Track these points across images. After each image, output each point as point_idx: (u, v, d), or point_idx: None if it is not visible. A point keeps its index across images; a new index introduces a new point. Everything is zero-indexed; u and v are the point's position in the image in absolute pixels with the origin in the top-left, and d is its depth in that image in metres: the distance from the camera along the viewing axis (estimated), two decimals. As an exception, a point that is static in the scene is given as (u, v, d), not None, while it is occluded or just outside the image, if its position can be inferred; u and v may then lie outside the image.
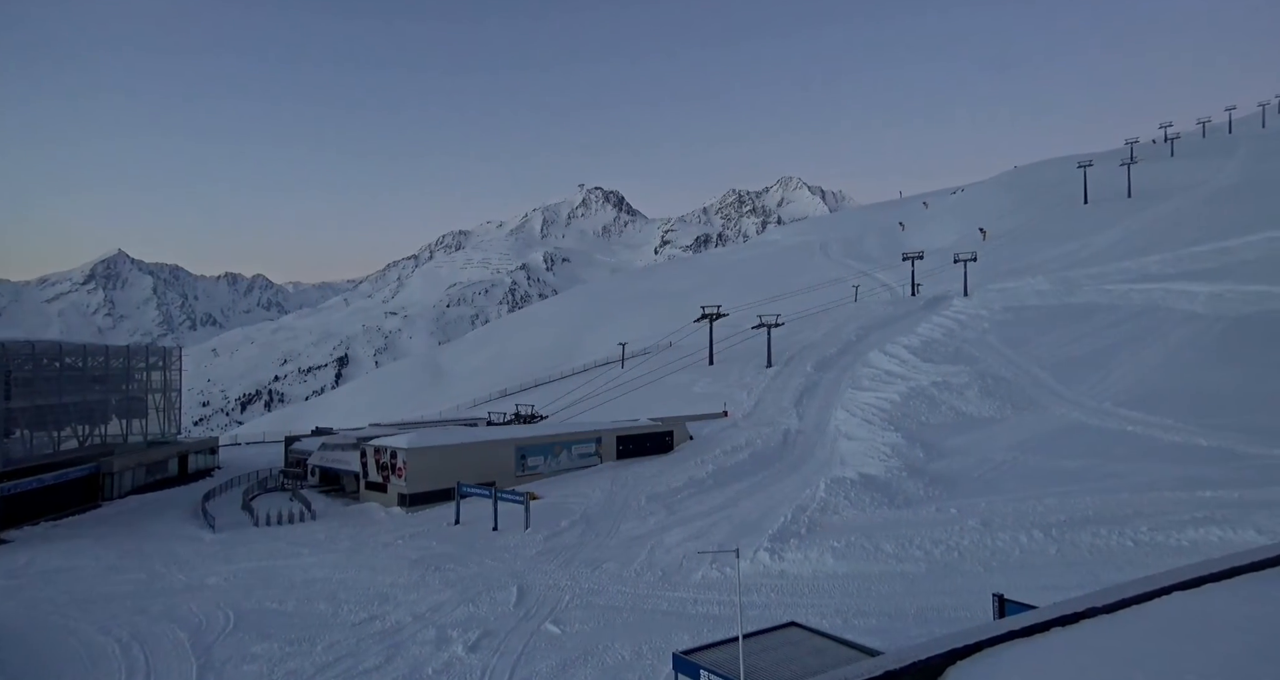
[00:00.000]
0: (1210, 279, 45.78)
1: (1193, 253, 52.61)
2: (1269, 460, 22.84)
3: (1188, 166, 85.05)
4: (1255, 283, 42.75)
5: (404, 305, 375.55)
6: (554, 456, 36.18)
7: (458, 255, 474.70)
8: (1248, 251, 49.68)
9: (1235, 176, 75.82)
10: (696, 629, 15.25)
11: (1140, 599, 5.84)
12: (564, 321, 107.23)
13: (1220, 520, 17.92)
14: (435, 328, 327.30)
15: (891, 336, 49.54)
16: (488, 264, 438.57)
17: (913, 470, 27.11)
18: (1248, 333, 37.18)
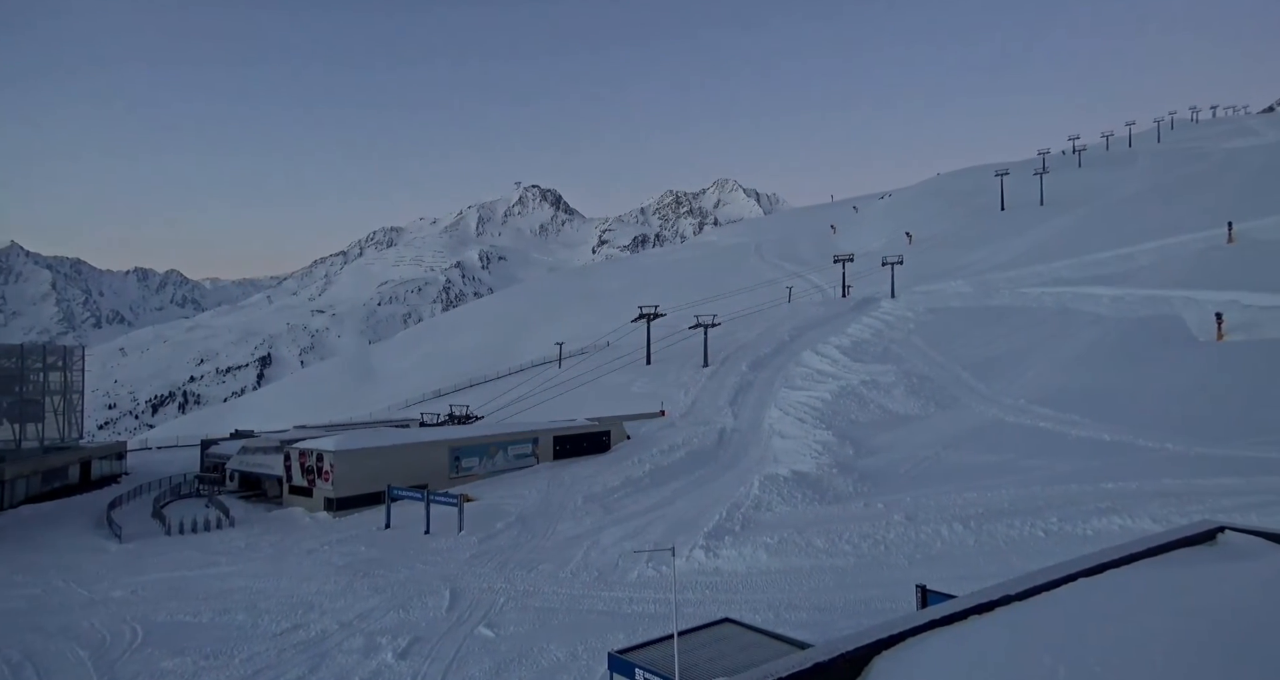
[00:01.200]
0: (1113, 283, 48.87)
1: (1097, 258, 56.03)
2: (1161, 453, 24.54)
3: (1093, 177, 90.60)
4: (1151, 287, 45.90)
5: (332, 303, 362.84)
6: (489, 458, 35.63)
7: (389, 252, 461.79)
8: (1144, 257, 53.28)
9: (1135, 187, 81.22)
10: (632, 628, 15.27)
11: (1049, 586, 6.16)
12: (500, 321, 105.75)
13: (1120, 510, 19.13)
14: (365, 326, 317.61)
15: (823, 337, 50.90)
16: (421, 261, 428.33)
17: (843, 467, 27.91)
18: (1145, 333, 39.88)
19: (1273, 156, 75.00)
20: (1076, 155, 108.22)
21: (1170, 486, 20.63)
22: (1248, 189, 64.05)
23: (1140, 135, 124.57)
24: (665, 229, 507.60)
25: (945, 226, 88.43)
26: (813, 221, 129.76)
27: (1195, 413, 28.19)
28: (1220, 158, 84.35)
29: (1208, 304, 39.66)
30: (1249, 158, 79.67)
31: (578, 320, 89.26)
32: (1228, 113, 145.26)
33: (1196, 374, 33.01)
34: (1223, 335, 36.64)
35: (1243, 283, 41.25)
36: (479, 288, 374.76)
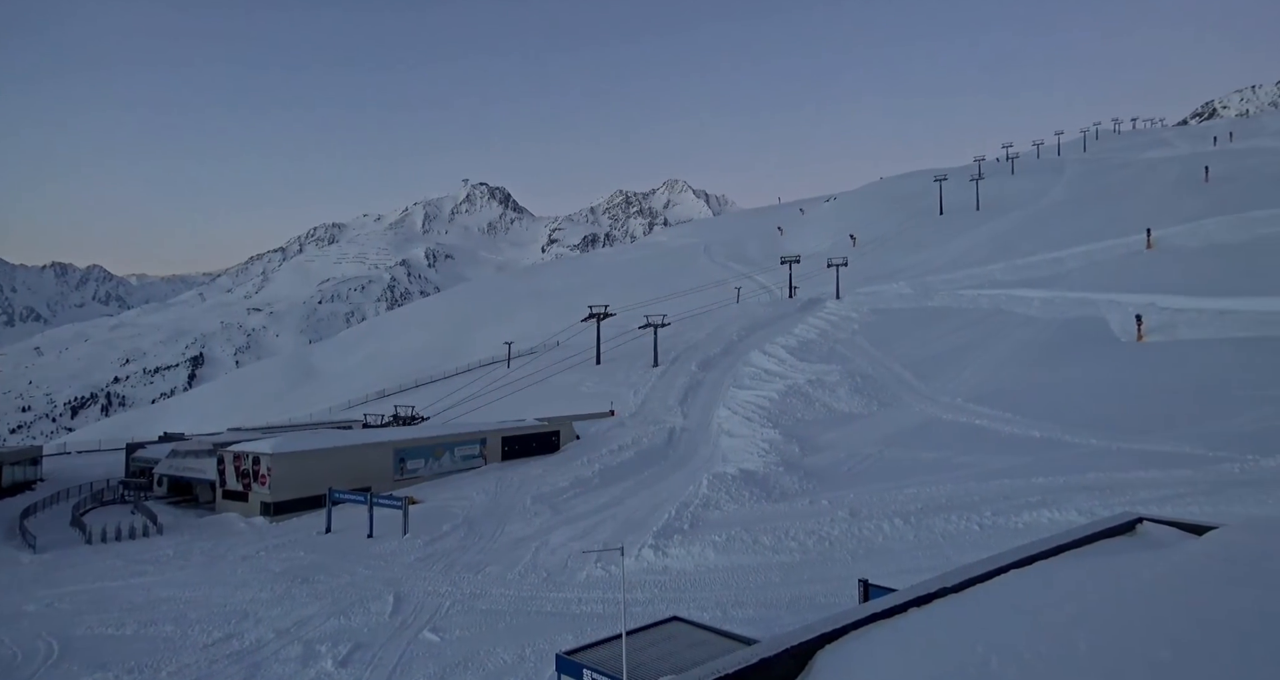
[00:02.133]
0: (1043, 286, 51.07)
1: (1029, 261, 58.48)
2: (1086, 448, 25.78)
3: (1025, 184, 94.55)
4: (1078, 289, 48.16)
5: (270, 301, 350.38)
6: (435, 459, 34.99)
7: (331, 249, 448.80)
8: (1072, 261, 55.87)
9: (1063, 194, 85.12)
10: (581, 629, 15.21)
11: (983, 578, 6.40)
12: (447, 320, 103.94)
13: (1049, 503, 20.00)
14: (305, 325, 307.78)
15: (771, 337, 51.70)
16: (364, 259, 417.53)
17: (789, 465, 28.41)
18: (1072, 334, 41.83)
19: (1186, 167, 79.59)
20: (1010, 162, 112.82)
21: (1094, 480, 21.68)
22: (1164, 197, 67.89)
23: (1068, 144, 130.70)
24: (615, 229, 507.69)
25: (887, 229, 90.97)
26: (761, 223, 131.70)
27: (1117, 409, 29.71)
28: (1140, 167, 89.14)
29: (1129, 306, 41.83)
30: (1165, 168, 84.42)
31: (527, 320, 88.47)
32: (1146, 125, 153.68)
33: (1118, 373, 34.80)
34: (1142, 336, 38.71)
35: (1160, 286, 43.68)
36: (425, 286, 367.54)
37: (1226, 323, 37.22)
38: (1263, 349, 33.13)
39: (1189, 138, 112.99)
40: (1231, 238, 50.88)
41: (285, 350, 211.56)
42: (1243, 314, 37.45)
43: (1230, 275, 42.54)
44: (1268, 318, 36.01)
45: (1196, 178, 72.72)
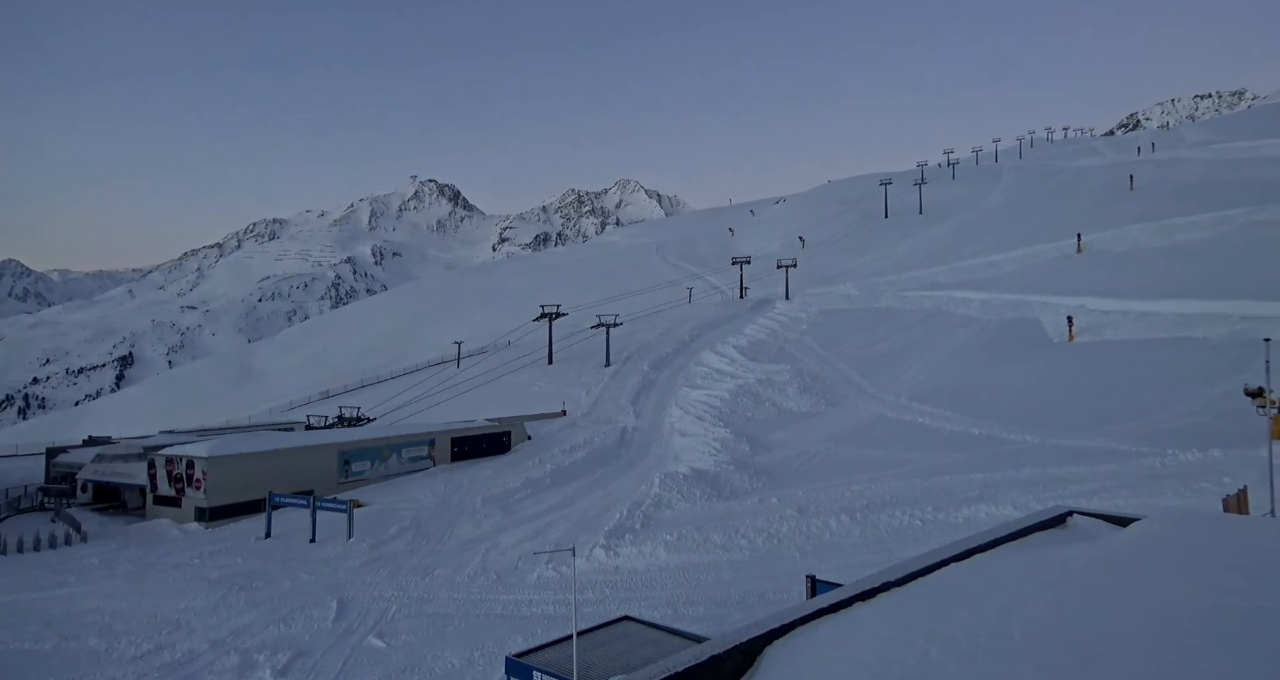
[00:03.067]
0: (982, 288, 52.96)
1: (969, 264, 60.55)
2: (1021, 445, 26.84)
3: (965, 189, 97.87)
4: (1014, 292, 50.11)
5: (206, 299, 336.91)
6: (382, 461, 34.21)
7: (272, 245, 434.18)
8: (1008, 265, 58.08)
9: (1000, 199, 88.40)
10: (531, 630, 15.09)
11: (925, 571, 6.59)
12: (395, 319, 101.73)
13: (987, 498, 20.75)
14: (244, 324, 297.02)
15: (722, 337, 52.24)
16: (307, 256, 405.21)
17: (740, 463, 28.75)
18: (1009, 334, 43.51)
19: (1113, 175, 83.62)
20: (951, 168, 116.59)
21: (1029, 475, 22.58)
22: (1093, 204, 71.18)
23: (1005, 151, 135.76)
24: (567, 228, 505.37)
25: (835, 231, 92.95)
26: (712, 224, 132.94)
27: (1049, 407, 31.02)
28: (1071, 175, 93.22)
29: (1061, 308, 43.72)
30: (1094, 176, 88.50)
31: (477, 319, 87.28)
32: (1077, 134, 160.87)
33: (1051, 372, 36.35)
34: (1073, 336, 40.51)
35: (1089, 289, 45.79)
36: (371, 284, 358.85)
37: (1149, 324, 39.26)
38: (1181, 349, 35.05)
39: (1116, 147, 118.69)
40: (1154, 243, 53.70)
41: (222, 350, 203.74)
42: (1163, 316, 39.57)
43: (1152, 279, 44.89)
44: (1186, 320, 38.12)
45: (1122, 186, 76.47)
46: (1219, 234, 51.32)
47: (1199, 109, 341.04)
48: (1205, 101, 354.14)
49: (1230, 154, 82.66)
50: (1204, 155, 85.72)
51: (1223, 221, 53.13)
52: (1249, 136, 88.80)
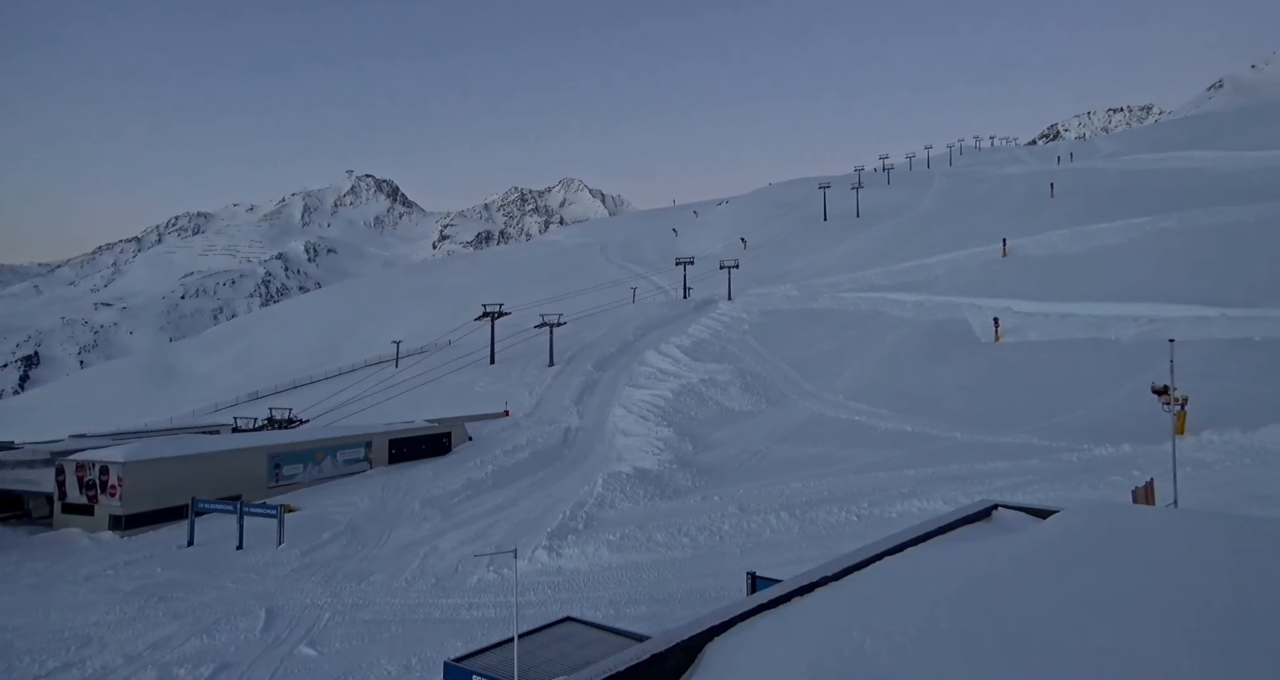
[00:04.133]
0: (915, 290, 54.86)
1: (903, 267, 62.60)
2: (950, 442, 27.94)
3: (899, 193, 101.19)
4: (945, 294, 52.10)
5: (122, 295, 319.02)
6: (315, 464, 33.08)
7: (196, 240, 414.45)
8: (939, 268, 60.32)
9: (931, 204, 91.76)
10: (471, 634, 14.84)
11: (860, 566, 6.78)
12: (330, 317, 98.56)
13: (919, 494, 21.49)
14: (165, 322, 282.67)
15: (666, 337, 52.55)
16: (235, 251, 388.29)
17: (682, 462, 28.98)
18: (940, 335, 45.21)
19: (1035, 183, 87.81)
20: (886, 173, 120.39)
21: (957, 471, 23.51)
22: (1017, 210, 74.60)
23: (936, 158, 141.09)
24: (510, 226, 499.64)
25: (776, 233, 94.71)
26: (656, 224, 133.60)
27: (977, 405, 32.40)
28: (997, 182, 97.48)
29: (987, 310, 45.67)
30: (1018, 183, 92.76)
31: (417, 318, 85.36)
32: (1002, 143, 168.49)
33: (978, 371, 37.95)
34: (999, 337, 42.39)
35: (1014, 292, 47.99)
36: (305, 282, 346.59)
37: (1067, 325, 41.42)
38: (1096, 349, 37.12)
39: (1038, 156, 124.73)
40: (1072, 248, 56.66)
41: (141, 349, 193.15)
42: (1080, 317, 41.81)
43: (1070, 283, 47.37)
44: (1100, 321, 40.37)
45: (1044, 193, 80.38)
46: (1129, 240, 54.53)
47: (1112, 122, 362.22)
48: (1118, 115, 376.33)
49: (1139, 165, 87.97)
50: (1116, 165, 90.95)
51: (1132, 228, 56.47)
52: (1156, 149, 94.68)
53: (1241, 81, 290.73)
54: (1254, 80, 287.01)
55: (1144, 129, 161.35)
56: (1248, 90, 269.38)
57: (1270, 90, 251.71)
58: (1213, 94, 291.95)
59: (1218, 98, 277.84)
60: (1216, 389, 26.84)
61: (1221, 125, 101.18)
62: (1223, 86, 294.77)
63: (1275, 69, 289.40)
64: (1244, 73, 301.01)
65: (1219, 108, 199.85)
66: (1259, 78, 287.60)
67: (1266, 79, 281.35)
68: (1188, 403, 22.44)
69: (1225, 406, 24.97)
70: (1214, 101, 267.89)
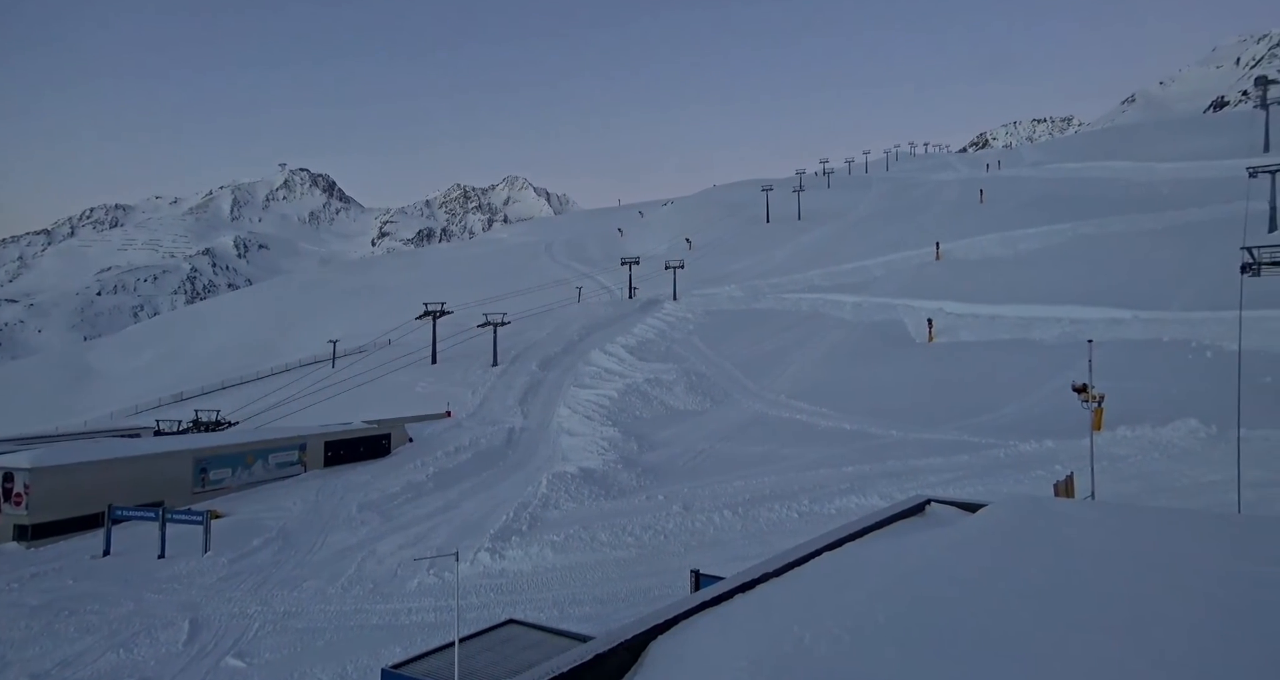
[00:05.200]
0: (854, 291, 56.38)
1: (842, 269, 64.24)
2: (887, 439, 28.82)
3: (839, 197, 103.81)
4: (882, 295, 53.72)
5: (30, 291, 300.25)
6: (245, 468, 31.78)
7: (114, 234, 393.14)
8: (877, 270, 62.17)
9: (870, 208, 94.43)
10: (411, 640, 14.50)
11: (800, 561, 6.90)
12: (262, 315, 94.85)
13: (857, 490, 22.09)
14: (79, 320, 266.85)
15: (611, 336, 52.52)
16: (158, 246, 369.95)
17: (627, 462, 29.01)
18: (877, 335, 46.60)
19: (966, 189, 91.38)
20: (827, 177, 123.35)
21: (894, 467, 24.26)
22: (949, 215, 77.52)
23: (874, 163, 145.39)
24: (453, 224, 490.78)
25: (720, 234, 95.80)
26: (601, 224, 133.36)
27: (912, 403, 33.48)
28: (930, 187, 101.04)
29: (922, 311, 47.30)
30: (950, 189, 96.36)
31: (355, 316, 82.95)
32: (935, 150, 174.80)
33: (913, 370, 39.25)
34: (932, 338, 43.95)
35: (946, 293, 49.83)
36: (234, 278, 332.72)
37: (995, 326, 43.27)
38: (1022, 349, 38.89)
39: (968, 163, 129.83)
40: (1000, 252, 59.22)
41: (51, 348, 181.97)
42: (1007, 319, 43.73)
43: (999, 285, 49.48)
44: (1025, 322, 42.32)
45: (974, 199, 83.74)
46: (1052, 245, 57.35)
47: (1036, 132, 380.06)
48: (1041, 125, 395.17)
49: (1061, 173, 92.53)
50: (1040, 174, 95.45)
51: (1055, 234, 59.41)
52: (1076, 158, 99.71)
53: (1151, 96, 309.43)
54: (1162, 96, 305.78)
55: (1065, 139, 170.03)
56: (1156, 105, 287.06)
57: (1176, 105, 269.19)
58: (1126, 108, 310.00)
59: (1130, 111, 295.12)
60: (1130, 387, 28.47)
61: (1133, 138, 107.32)
62: (1135, 101, 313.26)
63: (1180, 86, 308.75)
64: (1154, 88, 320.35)
65: (1131, 121, 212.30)
66: (1166, 93, 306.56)
67: (1172, 95, 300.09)
68: (1104, 400, 23.71)
69: (1137, 403, 26.50)
70: (1127, 115, 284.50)
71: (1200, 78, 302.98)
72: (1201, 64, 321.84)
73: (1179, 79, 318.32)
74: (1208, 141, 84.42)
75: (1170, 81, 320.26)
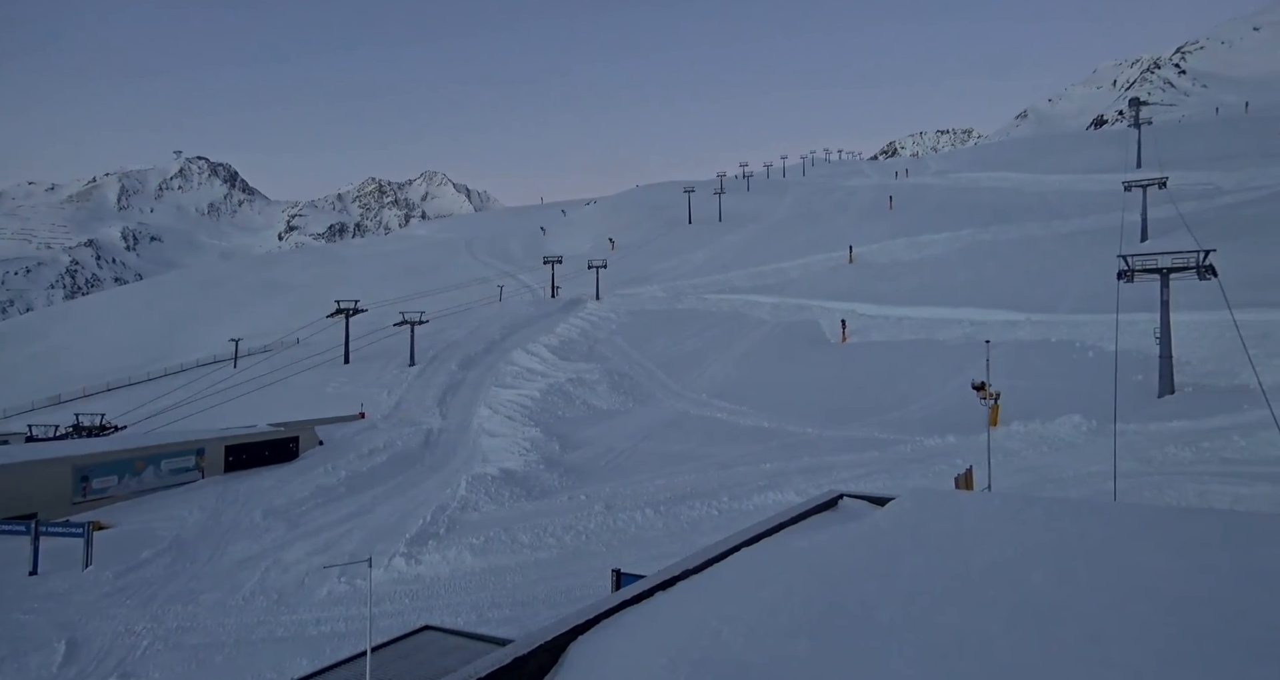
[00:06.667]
0: (772, 292, 57.91)
1: (761, 270, 65.89)
2: (803, 436, 29.74)
3: (758, 200, 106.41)
4: (798, 297, 55.43)
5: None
6: (134, 475, 29.56)
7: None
8: (794, 272, 64.11)
9: (787, 212, 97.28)
10: (319, 651, 13.88)
11: (719, 558, 7.01)
12: (155, 313, 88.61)
13: (774, 486, 22.69)
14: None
15: (533, 336, 51.94)
16: (31, 236, 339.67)
17: (550, 462, 28.75)
18: (794, 336, 48.03)
19: (877, 195, 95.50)
20: (746, 180, 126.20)
21: (809, 464, 25.05)
22: (861, 220, 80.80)
23: (791, 168, 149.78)
24: (367, 219, 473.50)
25: (643, 235, 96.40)
26: (523, 222, 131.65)
27: (826, 401, 34.67)
28: (844, 193, 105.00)
29: (836, 312, 49.09)
30: (862, 195, 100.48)
31: (261, 314, 78.72)
32: (848, 156, 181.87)
33: (828, 369, 40.68)
34: (845, 338, 45.67)
35: (859, 295, 51.93)
36: (122, 272, 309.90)
37: (903, 327, 45.39)
38: (928, 349, 40.95)
39: (879, 170, 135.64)
40: (907, 256, 62.21)
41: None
42: (914, 320, 45.97)
43: (906, 288, 51.98)
44: (930, 324, 44.60)
45: (883, 205, 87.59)
46: (954, 250, 60.71)
47: (940, 142, 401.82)
48: (944, 136, 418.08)
49: (962, 182, 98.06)
50: (944, 182, 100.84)
51: (957, 240, 62.93)
52: (975, 169, 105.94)
53: (1041, 113, 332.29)
54: (1050, 112, 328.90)
55: (966, 150, 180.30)
56: (1046, 121, 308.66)
57: (1062, 122, 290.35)
58: (1019, 122, 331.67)
59: (1023, 126, 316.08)
60: (1022, 385, 30.48)
61: (1025, 150, 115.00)
62: (1027, 116, 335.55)
63: (1066, 104, 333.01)
64: (1044, 105, 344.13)
65: (1024, 135, 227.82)
66: (1054, 110, 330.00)
67: (1060, 112, 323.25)
68: (1000, 397, 25.28)
69: (1029, 400, 28.39)
70: (1020, 129, 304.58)
71: (1083, 97, 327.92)
72: (1084, 84, 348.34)
73: (1065, 97, 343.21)
74: (1090, 156, 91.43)
75: (1058, 99, 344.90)
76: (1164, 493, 17.61)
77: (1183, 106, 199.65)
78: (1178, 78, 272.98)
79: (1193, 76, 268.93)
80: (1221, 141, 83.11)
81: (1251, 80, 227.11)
